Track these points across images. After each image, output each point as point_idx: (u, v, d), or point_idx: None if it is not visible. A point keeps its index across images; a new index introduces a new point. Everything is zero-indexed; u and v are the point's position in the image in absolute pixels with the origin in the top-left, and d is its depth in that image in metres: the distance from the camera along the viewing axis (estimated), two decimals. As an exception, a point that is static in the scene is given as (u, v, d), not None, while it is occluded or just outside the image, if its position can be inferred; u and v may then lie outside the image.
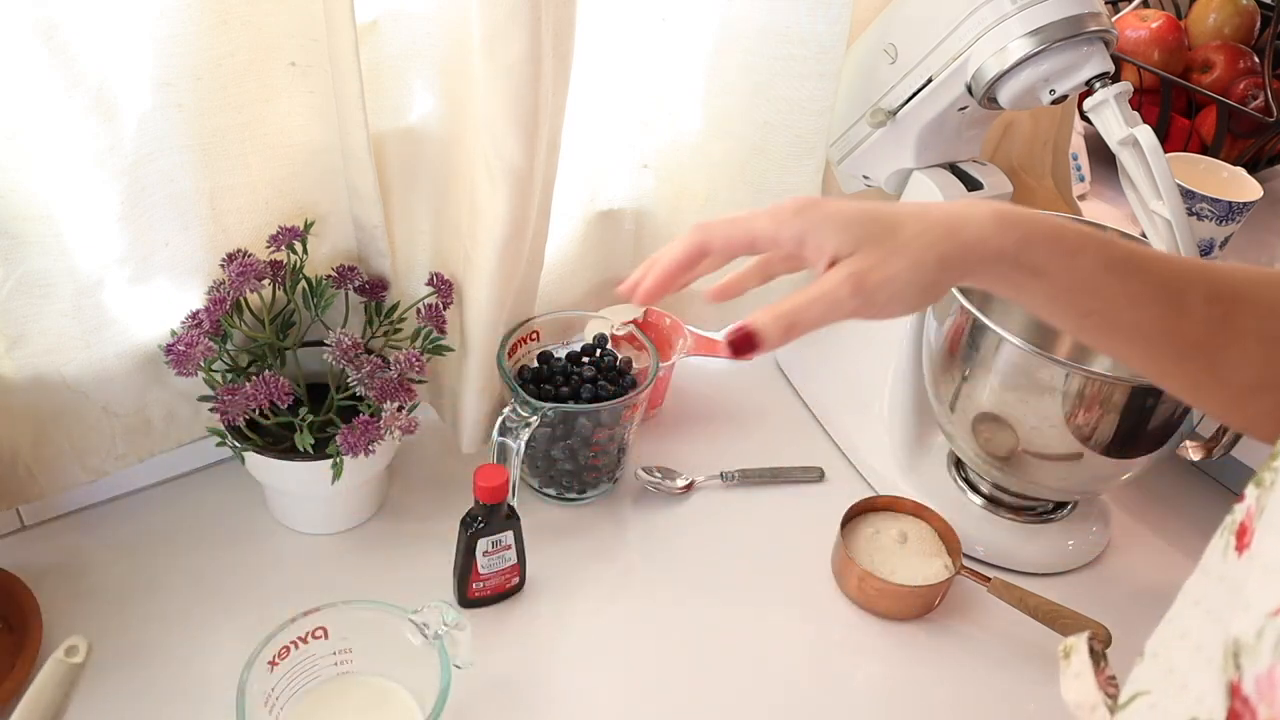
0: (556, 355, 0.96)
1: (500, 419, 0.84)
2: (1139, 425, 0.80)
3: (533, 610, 0.85)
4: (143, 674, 0.77)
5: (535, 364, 0.96)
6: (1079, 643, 0.55)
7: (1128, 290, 0.53)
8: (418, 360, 0.82)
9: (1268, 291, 0.54)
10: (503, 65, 0.71)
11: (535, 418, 0.85)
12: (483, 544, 0.81)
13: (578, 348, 0.98)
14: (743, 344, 0.54)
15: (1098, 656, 0.54)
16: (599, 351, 0.97)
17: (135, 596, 0.82)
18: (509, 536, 0.81)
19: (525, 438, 0.84)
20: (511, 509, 0.82)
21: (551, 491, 0.95)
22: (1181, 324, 0.53)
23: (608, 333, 0.98)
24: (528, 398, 0.85)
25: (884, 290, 0.52)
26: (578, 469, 0.92)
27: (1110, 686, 0.52)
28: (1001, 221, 0.53)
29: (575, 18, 0.76)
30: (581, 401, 0.91)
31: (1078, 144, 1.41)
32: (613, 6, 0.88)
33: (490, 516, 0.80)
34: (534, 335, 0.95)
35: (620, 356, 0.97)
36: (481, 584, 0.83)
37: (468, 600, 0.83)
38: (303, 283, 0.85)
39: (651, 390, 1.03)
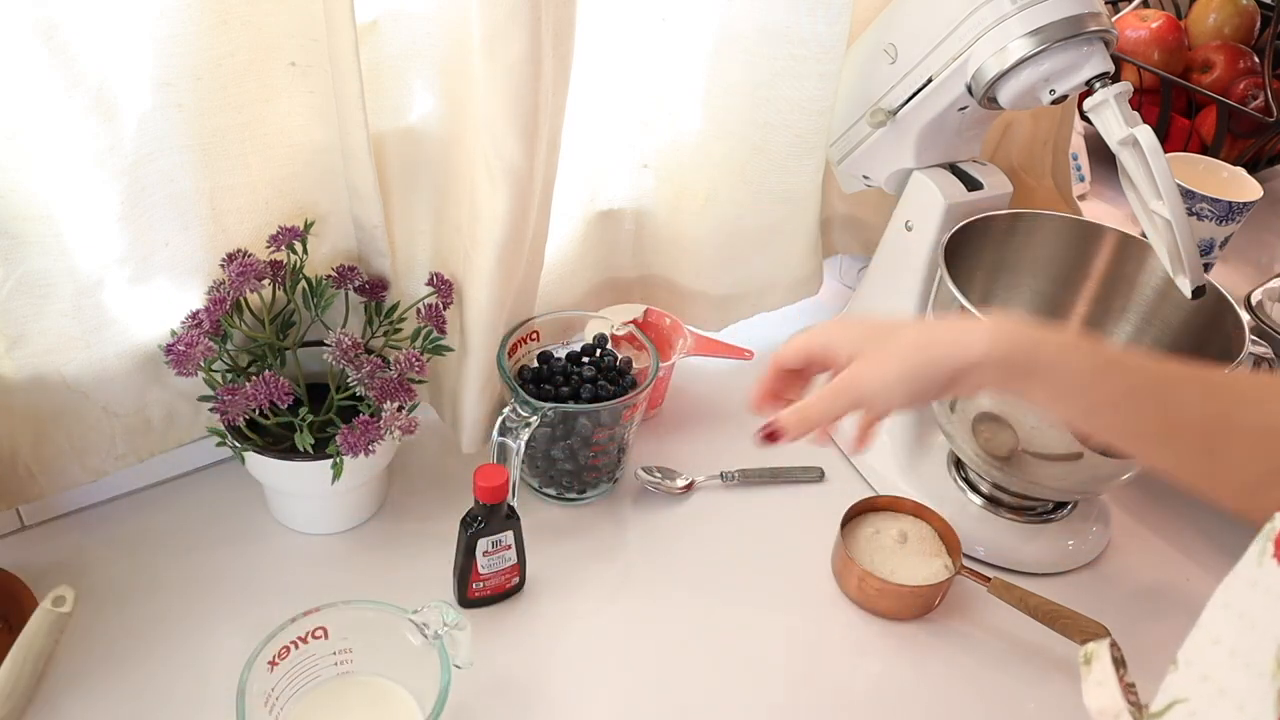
0: (557, 355, 0.96)
1: (500, 419, 0.84)
2: (1139, 425, 0.80)
3: (533, 610, 0.85)
4: (143, 674, 0.77)
5: (535, 364, 0.96)
6: (1100, 649, 0.55)
7: (1117, 389, 0.57)
8: (418, 360, 0.82)
9: (1264, 389, 0.58)
10: (503, 65, 0.71)
11: (535, 418, 0.84)
12: (483, 544, 0.81)
13: (578, 348, 0.97)
14: (770, 438, 0.66)
15: (1118, 663, 0.54)
16: (599, 351, 0.97)
17: (135, 596, 0.82)
18: (509, 536, 0.81)
19: (525, 438, 0.84)
20: (511, 509, 0.82)
21: (551, 491, 0.95)
22: (1179, 421, 0.56)
23: (608, 333, 0.97)
24: (527, 398, 0.85)
25: (872, 385, 0.61)
26: (578, 469, 0.92)
27: (1130, 694, 0.52)
28: (994, 332, 0.59)
29: (575, 17, 0.76)
30: (581, 401, 0.91)
31: (1078, 144, 1.41)
32: (613, 6, 0.88)
33: (490, 516, 0.80)
34: (534, 335, 0.95)
35: (620, 356, 0.97)
36: (481, 584, 0.83)
37: (468, 600, 0.83)
38: (303, 283, 0.85)
39: (651, 390, 1.03)
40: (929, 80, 0.90)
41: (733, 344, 1.08)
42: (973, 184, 0.95)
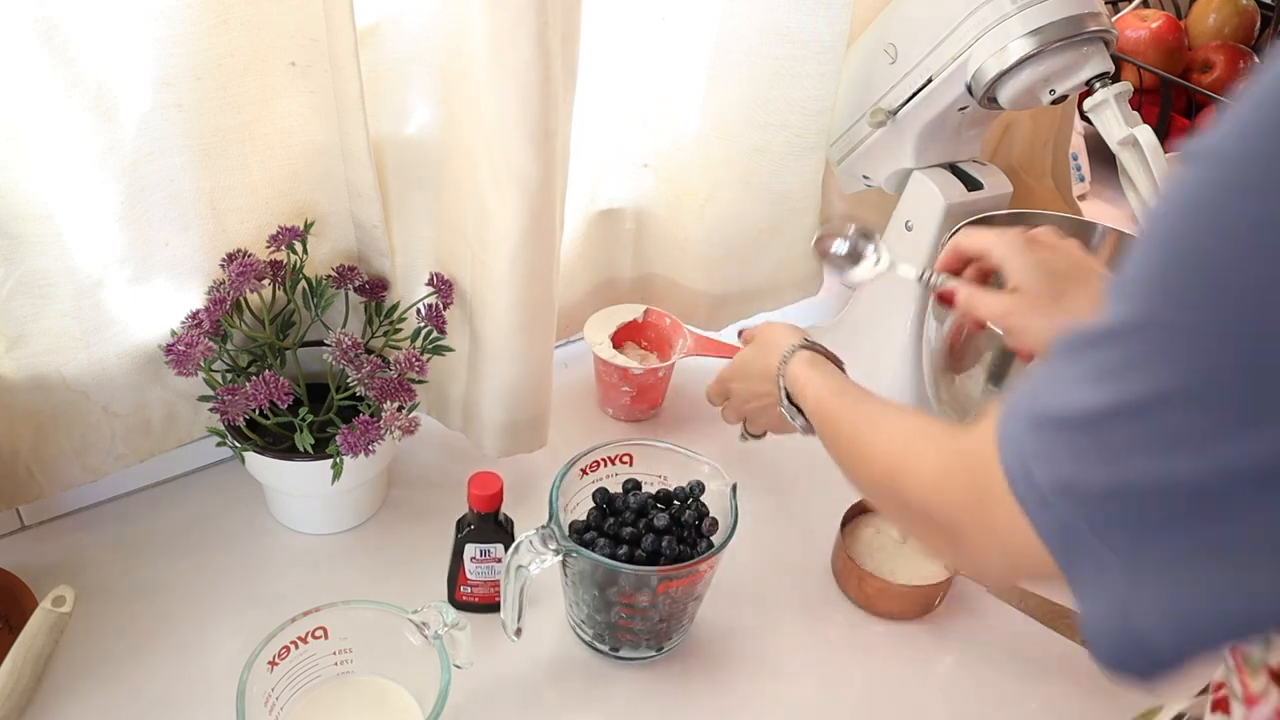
0: (643, 489, 0.83)
1: (519, 540, 0.74)
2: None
3: (530, 613, 0.85)
4: (143, 673, 0.77)
5: (617, 489, 0.83)
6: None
7: None
8: (418, 360, 0.82)
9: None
10: (510, 69, 0.71)
11: (550, 556, 0.74)
12: (470, 550, 0.80)
13: (671, 486, 0.84)
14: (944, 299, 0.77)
15: None
16: (690, 500, 0.83)
17: (135, 596, 0.82)
18: (499, 549, 0.81)
19: (534, 572, 0.74)
20: (506, 521, 0.81)
21: (586, 634, 0.82)
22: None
23: (705, 483, 0.83)
24: (556, 534, 0.74)
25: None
26: (609, 624, 0.79)
27: None
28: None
29: (581, 20, 0.76)
30: (639, 550, 0.78)
31: (1078, 144, 1.41)
32: (613, 6, 0.88)
33: (481, 524, 0.80)
34: (625, 458, 0.84)
35: (708, 517, 0.82)
36: (469, 588, 0.82)
37: (456, 603, 0.83)
38: (303, 283, 0.85)
39: (651, 389, 1.03)
40: (929, 80, 0.90)
41: (733, 344, 1.07)
42: (973, 184, 0.95)
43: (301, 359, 0.86)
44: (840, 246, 0.84)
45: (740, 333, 0.88)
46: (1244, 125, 0.35)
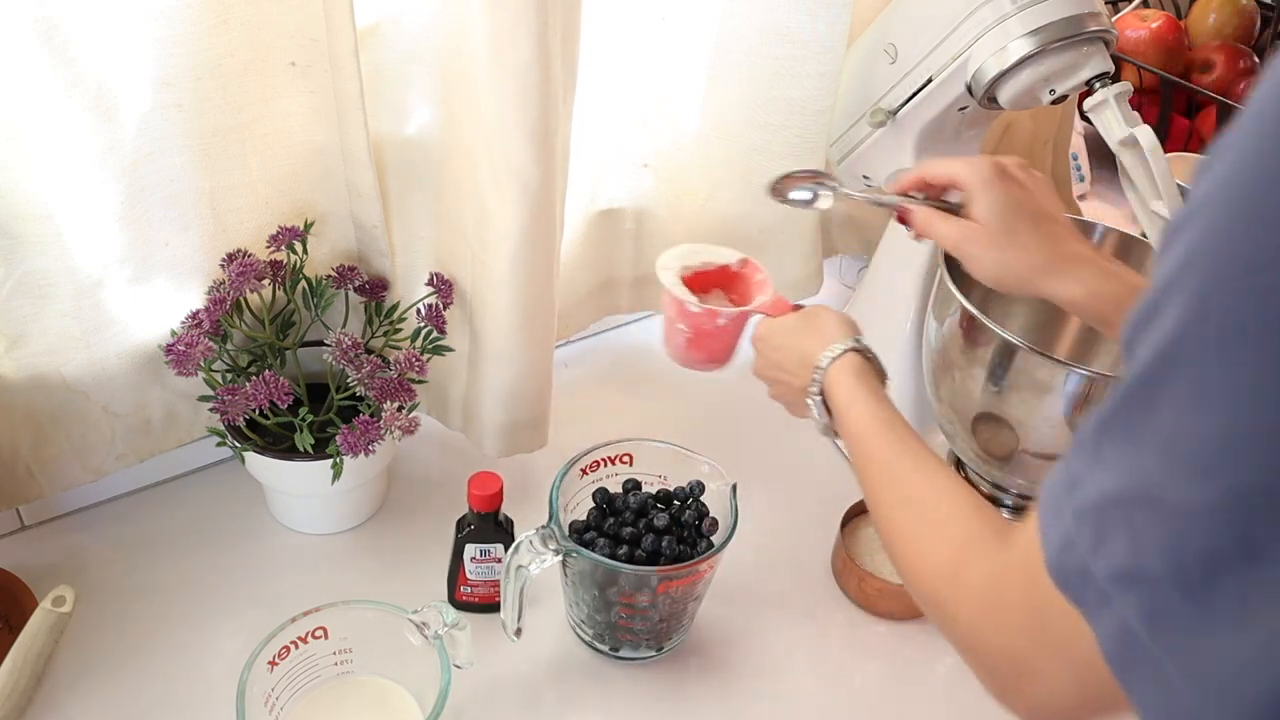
0: (643, 488, 0.83)
1: (519, 540, 0.74)
2: (1139, 425, 0.80)
3: (530, 613, 0.85)
4: (143, 674, 0.77)
5: (617, 489, 0.83)
6: None
7: None
8: (418, 360, 0.82)
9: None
10: (510, 69, 0.71)
11: (549, 556, 0.74)
12: (470, 550, 0.80)
13: (671, 486, 0.84)
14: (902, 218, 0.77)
15: None
16: (690, 500, 0.82)
17: (135, 596, 0.82)
18: (499, 549, 0.81)
19: (534, 572, 0.74)
20: (506, 521, 0.81)
21: (586, 633, 0.82)
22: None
23: (706, 483, 0.83)
24: (556, 534, 0.74)
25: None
26: (609, 624, 0.79)
27: None
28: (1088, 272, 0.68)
29: (581, 20, 0.76)
30: (638, 550, 0.78)
31: (1078, 144, 1.41)
32: (613, 6, 0.88)
33: (481, 523, 0.80)
34: (625, 458, 0.84)
35: (708, 517, 0.82)
36: (469, 589, 0.82)
37: (456, 603, 0.83)
38: (303, 283, 0.85)
39: (709, 337, 0.84)
40: (929, 80, 0.90)
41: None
42: (973, 184, 0.95)
43: (301, 359, 0.86)
44: (800, 194, 0.82)
45: (795, 307, 0.79)
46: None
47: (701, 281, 0.87)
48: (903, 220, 0.76)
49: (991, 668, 0.47)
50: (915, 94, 0.92)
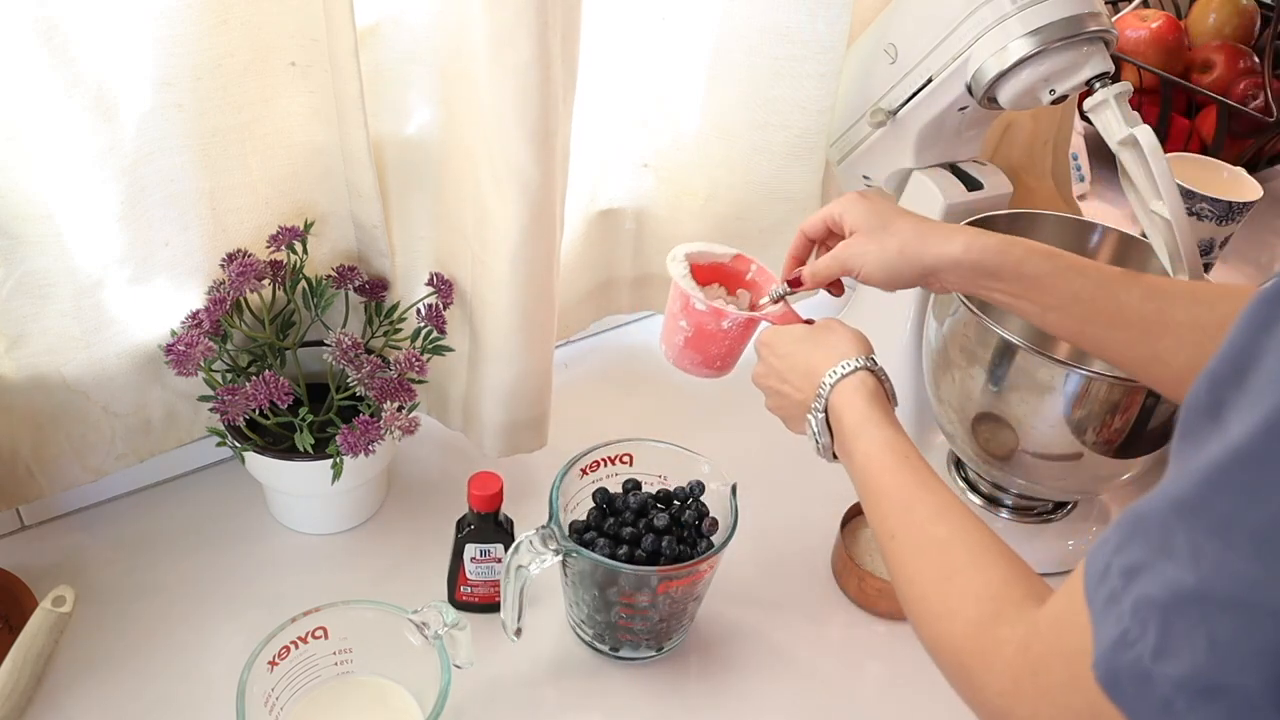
0: (643, 488, 0.83)
1: (519, 540, 0.74)
2: (1139, 425, 0.80)
3: (530, 613, 0.85)
4: (143, 674, 0.77)
5: (617, 489, 0.83)
6: None
7: (1073, 287, 0.68)
8: (418, 360, 0.82)
9: (1192, 288, 0.67)
10: (509, 69, 0.71)
11: (549, 556, 0.73)
12: (470, 550, 0.80)
13: (671, 487, 0.83)
14: (793, 284, 0.78)
15: None
16: (690, 500, 0.82)
17: (135, 596, 0.82)
18: (499, 549, 0.81)
19: (535, 572, 0.74)
20: (506, 521, 0.81)
21: (586, 633, 0.82)
22: (1123, 316, 0.66)
23: (706, 483, 0.83)
24: (556, 534, 0.74)
25: (858, 261, 0.72)
26: (609, 624, 0.79)
27: None
28: (970, 238, 0.70)
29: (581, 20, 0.76)
30: (638, 550, 0.78)
31: (1078, 144, 1.41)
32: (613, 6, 0.88)
33: (481, 523, 0.80)
34: (625, 458, 0.83)
35: (709, 517, 0.82)
36: (469, 589, 0.82)
37: (456, 603, 0.83)
38: (303, 283, 0.85)
39: (708, 339, 0.81)
40: (929, 80, 0.90)
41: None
42: (973, 184, 0.95)
43: (301, 359, 0.86)
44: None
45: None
46: None
47: (702, 275, 0.83)
48: (796, 286, 0.78)
49: None
50: (915, 94, 0.92)
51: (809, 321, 0.76)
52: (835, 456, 0.68)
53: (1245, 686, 0.30)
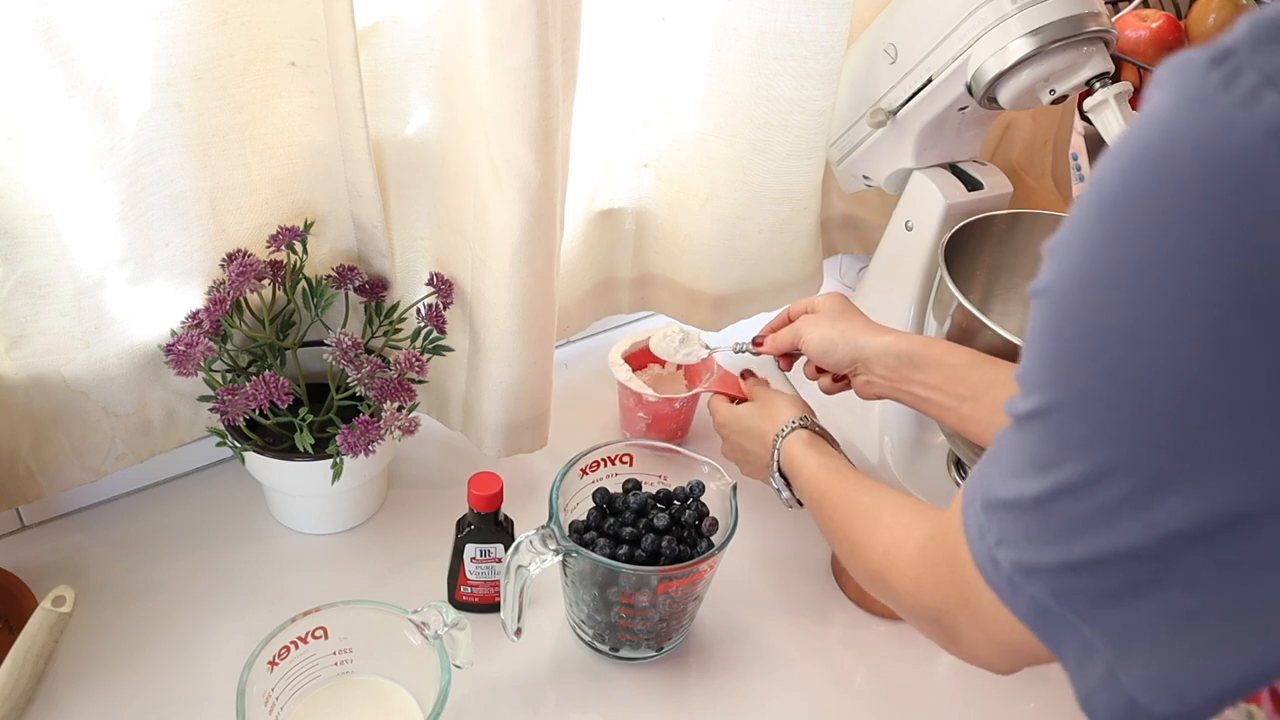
0: (643, 488, 0.83)
1: (519, 540, 0.74)
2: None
3: (530, 613, 0.85)
4: (143, 673, 0.77)
5: (617, 489, 0.83)
6: None
7: (985, 378, 0.75)
8: (418, 360, 0.82)
9: None
10: (509, 69, 0.71)
11: (549, 555, 0.73)
12: (471, 550, 0.80)
13: (671, 487, 0.84)
14: (756, 343, 0.91)
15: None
16: (690, 500, 0.83)
17: (135, 596, 0.82)
18: (499, 549, 0.81)
19: (535, 572, 0.74)
20: (506, 521, 0.81)
21: (586, 634, 0.82)
22: None
23: (705, 482, 0.83)
24: (556, 534, 0.74)
25: (807, 335, 0.85)
26: (609, 623, 0.79)
27: None
28: (901, 334, 0.81)
29: (581, 20, 0.76)
30: (638, 550, 0.78)
31: (1078, 144, 1.41)
32: (613, 6, 0.88)
33: (481, 524, 0.80)
34: (626, 458, 0.84)
35: (709, 517, 0.82)
36: (470, 589, 0.82)
37: (456, 603, 0.83)
38: (303, 283, 0.85)
39: (667, 419, 0.99)
40: (929, 80, 0.90)
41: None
42: (973, 184, 0.95)
43: (301, 359, 0.86)
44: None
45: (743, 373, 0.90)
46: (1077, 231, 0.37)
47: (636, 361, 1.01)
48: (758, 345, 0.89)
49: (929, 629, 0.55)
50: (915, 94, 0.92)
51: (744, 375, 0.90)
52: (799, 503, 0.78)
53: (1048, 565, 0.40)
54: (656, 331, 0.98)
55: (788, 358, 0.89)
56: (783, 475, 0.79)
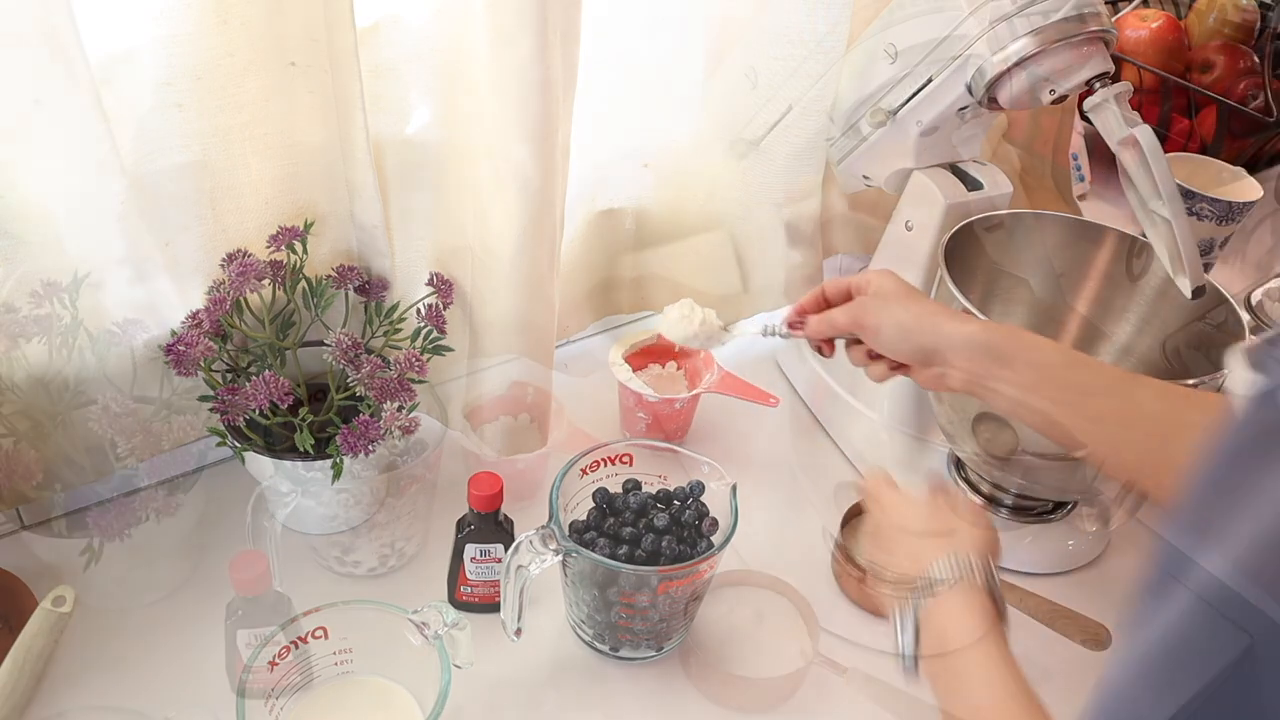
0: (643, 489, 0.83)
1: (519, 540, 0.73)
2: (1139, 425, 0.80)
3: (530, 613, 0.85)
4: (142, 673, 0.77)
5: (617, 489, 0.83)
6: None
7: (1083, 380, 0.67)
8: (417, 360, 0.82)
9: (1204, 397, 0.67)
10: (510, 69, 0.71)
11: (549, 556, 0.73)
12: (470, 550, 0.80)
13: (671, 487, 0.84)
14: (795, 326, 0.81)
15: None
16: (690, 500, 0.82)
17: (135, 596, 0.82)
18: (499, 549, 0.81)
19: (535, 572, 0.74)
20: (506, 521, 0.81)
21: (586, 633, 0.82)
22: (1136, 413, 0.65)
23: (705, 482, 0.83)
24: (556, 534, 0.74)
25: (874, 320, 0.74)
26: (609, 623, 0.79)
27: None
28: (983, 324, 0.70)
29: (580, 21, 0.76)
30: (638, 550, 0.78)
31: (1078, 144, 1.41)
32: (613, 6, 0.88)
33: (481, 524, 0.80)
34: (625, 458, 0.83)
35: (709, 517, 0.82)
36: (469, 589, 0.82)
37: (456, 602, 0.83)
38: (303, 283, 0.85)
39: (668, 419, 0.99)
40: (929, 80, 0.90)
41: (759, 387, 0.99)
42: (973, 184, 0.95)
43: (301, 359, 0.86)
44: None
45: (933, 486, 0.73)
46: None
47: (636, 361, 0.99)
48: (795, 329, 0.81)
49: None
50: (915, 94, 0.92)
51: (742, 381, 0.84)
52: (915, 663, 0.63)
53: None
54: (669, 313, 0.88)
55: (829, 342, 0.80)
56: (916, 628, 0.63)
